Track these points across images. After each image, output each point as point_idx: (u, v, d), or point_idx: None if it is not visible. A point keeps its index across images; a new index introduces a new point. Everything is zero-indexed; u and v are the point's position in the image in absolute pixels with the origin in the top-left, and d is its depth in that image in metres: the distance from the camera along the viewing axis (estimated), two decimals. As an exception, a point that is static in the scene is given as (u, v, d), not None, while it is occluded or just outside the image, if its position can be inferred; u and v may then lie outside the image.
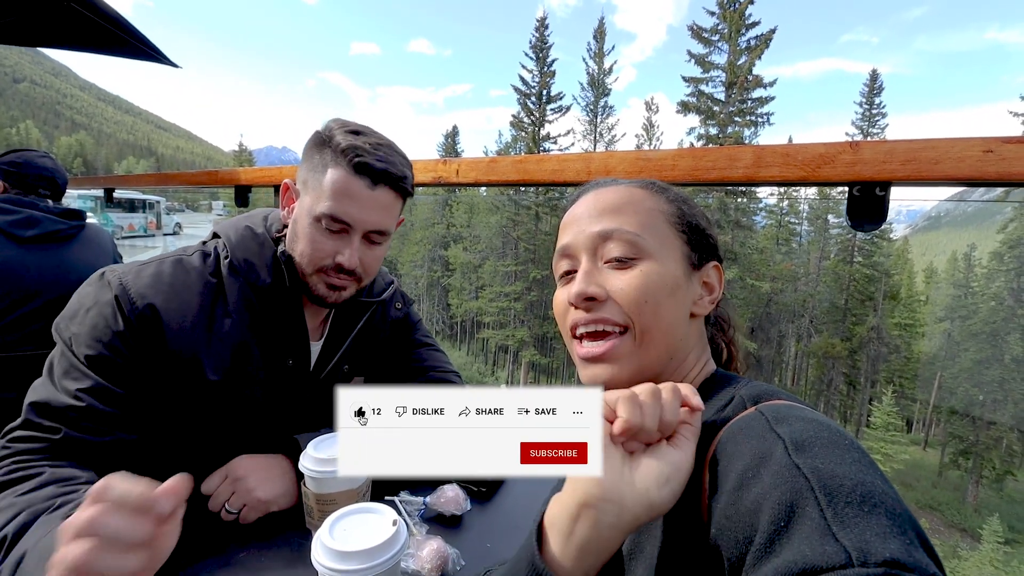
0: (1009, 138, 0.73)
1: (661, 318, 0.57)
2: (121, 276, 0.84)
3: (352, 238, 0.90)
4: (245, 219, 0.99)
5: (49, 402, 0.77)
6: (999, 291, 25.97)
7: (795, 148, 0.88)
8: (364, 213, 0.89)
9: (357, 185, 0.87)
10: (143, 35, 2.35)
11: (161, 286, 0.85)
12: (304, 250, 0.90)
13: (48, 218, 1.66)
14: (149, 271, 0.86)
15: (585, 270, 0.59)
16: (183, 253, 0.93)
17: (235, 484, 0.86)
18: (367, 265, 0.93)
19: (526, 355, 29.98)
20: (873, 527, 0.32)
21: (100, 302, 0.81)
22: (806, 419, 0.42)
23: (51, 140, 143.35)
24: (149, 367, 0.83)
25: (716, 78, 25.81)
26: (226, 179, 2.01)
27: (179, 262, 0.90)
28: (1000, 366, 24.56)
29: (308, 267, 0.90)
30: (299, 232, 0.91)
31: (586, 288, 0.57)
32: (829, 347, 27.25)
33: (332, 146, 0.88)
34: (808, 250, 30.41)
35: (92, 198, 22.34)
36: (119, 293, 0.82)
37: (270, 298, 0.93)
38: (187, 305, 0.86)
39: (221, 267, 0.92)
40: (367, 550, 0.58)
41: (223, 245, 0.94)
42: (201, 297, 0.88)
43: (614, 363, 0.57)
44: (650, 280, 0.56)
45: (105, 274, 0.85)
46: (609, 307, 0.57)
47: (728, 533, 0.39)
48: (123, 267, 0.87)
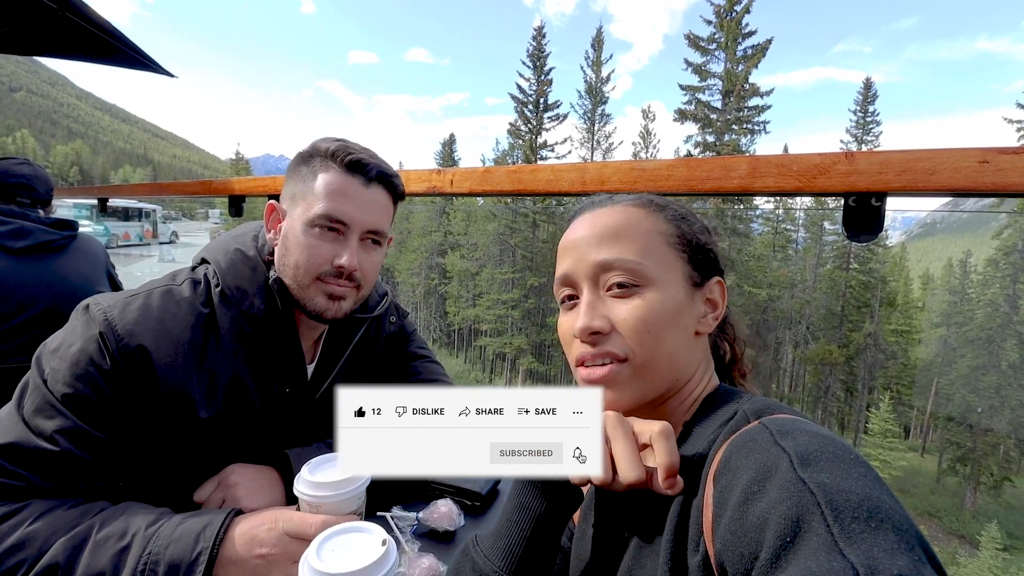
0: (1005, 148, 0.72)
1: (662, 348, 0.57)
2: (107, 311, 0.78)
3: (350, 239, 0.86)
4: (234, 240, 0.94)
5: (17, 444, 0.70)
6: (995, 297, 26.09)
7: (790, 158, 0.88)
8: (361, 212, 0.86)
9: (352, 183, 0.86)
10: (136, 45, 2.35)
11: (150, 321, 0.80)
12: (299, 260, 0.85)
13: (39, 228, 1.65)
14: (136, 304, 0.81)
15: (588, 302, 0.59)
16: (172, 282, 0.88)
17: (226, 491, 0.85)
18: (366, 270, 0.90)
19: (524, 362, 29.93)
20: (881, 543, 0.32)
21: (85, 337, 0.76)
22: (811, 433, 0.42)
23: (47, 149, 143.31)
24: (136, 408, 0.78)
25: (713, 86, 26.08)
26: (220, 189, 2.00)
27: (168, 293, 0.85)
28: (997, 372, 24.62)
29: (304, 277, 0.86)
30: (291, 245, 0.87)
31: (590, 323, 0.58)
32: (826, 354, 27.27)
33: (320, 154, 0.87)
34: (804, 257, 30.54)
35: (88, 207, 22.31)
36: (104, 330, 0.76)
37: (264, 326, 0.89)
38: (178, 341, 0.81)
39: (212, 296, 0.87)
40: (355, 572, 0.57)
41: (213, 272, 0.89)
42: (192, 331, 0.83)
43: (613, 389, 0.58)
44: (652, 310, 0.57)
45: (90, 307, 0.80)
46: (614, 339, 0.58)
47: (733, 548, 0.38)
48: (108, 300, 0.81)
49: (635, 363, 0.57)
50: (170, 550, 0.67)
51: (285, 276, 0.88)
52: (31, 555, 0.66)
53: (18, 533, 0.66)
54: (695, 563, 0.44)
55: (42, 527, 0.67)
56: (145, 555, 0.67)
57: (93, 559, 0.66)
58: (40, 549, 0.66)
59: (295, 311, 0.91)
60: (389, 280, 38.03)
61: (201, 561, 0.66)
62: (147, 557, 0.66)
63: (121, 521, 0.71)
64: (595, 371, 0.58)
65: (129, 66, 2.69)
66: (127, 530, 0.69)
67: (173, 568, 0.66)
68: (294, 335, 0.92)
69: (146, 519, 0.71)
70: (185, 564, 0.66)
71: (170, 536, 0.68)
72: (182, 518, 0.72)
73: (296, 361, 0.93)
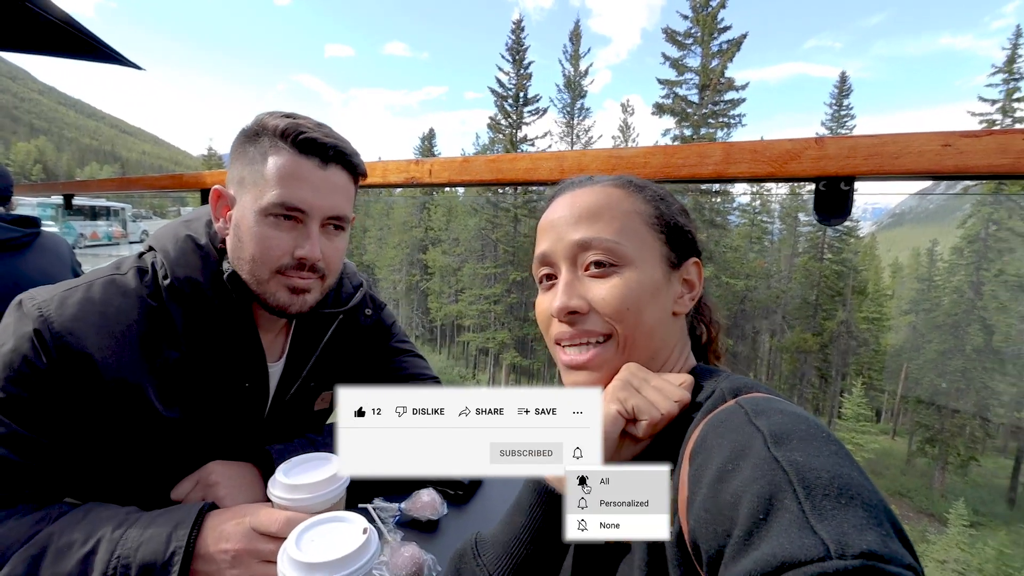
0: (966, 132, 0.75)
1: (643, 324, 0.58)
2: (41, 306, 0.72)
3: (309, 227, 0.79)
4: (184, 226, 0.86)
5: None
6: (960, 284, 27.07)
7: (763, 144, 0.89)
8: (319, 197, 0.79)
9: (306, 166, 0.78)
10: (99, 38, 2.26)
11: (91, 316, 0.73)
12: (255, 253, 0.78)
13: (0, 226, 1.59)
14: (76, 297, 0.74)
15: (566, 281, 0.60)
16: (116, 272, 0.80)
17: (206, 491, 0.82)
18: (330, 259, 0.83)
19: (507, 357, 29.96)
20: (850, 519, 0.32)
21: (18, 335, 0.70)
22: (784, 412, 0.43)
23: (8, 146, 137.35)
24: (81, 409, 0.72)
25: (690, 80, 26.32)
26: (191, 183, 1.95)
27: (111, 283, 0.78)
28: (962, 356, 25.59)
29: (263, 271, 0.79)
30: (244, 236, 0.79)
31: (568, 302, 0.58)
32: (801, 342, 27.97)
33: (268, 132, 0.79)
34: (780, 248, 31.20)
35: (52, 206, 21.47)
36: (39, 327, 0.70)
37: (218, 319, 0.83)
38: (123, 336, 0.75)
39: (160, 287, 0.80)
40: (335, 560, 0.56)
41: (161, 262, 0.81)
42: (140, 325, 0.77)
43: (597, 370, 0.58)
44: (630, 288, 0.57)
45: (23, 302, 0.73)
46: (592, 319, 0.58)
47: (707, 525, 0.39)
48: (44, 293, 0.74)
49: (619, 339, 0.58)
50: (141, 551, 0.65)
51: (241, 270, 0.81)
52: None
53: None
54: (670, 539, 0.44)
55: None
56: (114, 559, 0.64)
57: (56, 568, 0.63)
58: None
59: (252, 304, 0.85)
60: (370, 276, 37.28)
61: (175, 561, 0.64)
62: (115, 561, 0.64)
63: (83, 525, 0.68)
64: (578, 357, 0.59)
65: (93, 59, 2.59)
66: (91, 534, 0.66)
67: (146, 569, 0.64)
68: (252, 329, 0.86)
69: (112, 521, 0.68)
70: (159, 564, 0.64)
71: (140, 537, 0.66)
72: (151, 517, 0.69)
73: (255, 356, 0.88)
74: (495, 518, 0.96)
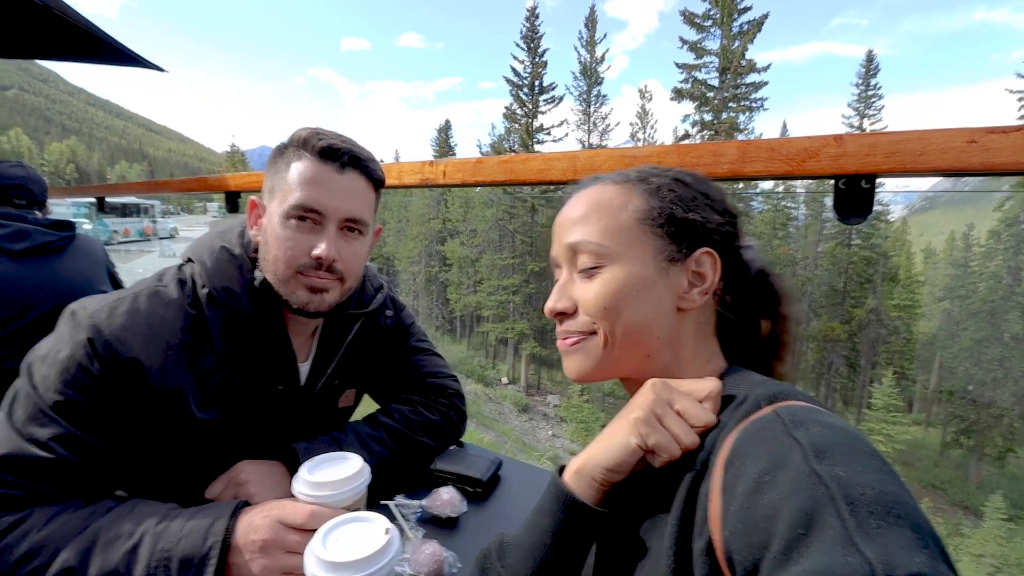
0: (993, 128, 0.72)
1: (625, 321, 0.58)
2: (93, 315, 0.78)
3: (327, 228, 0.84)
4: (219, 238, 0.92)
5: (12, 454, 0.71)
6: (997, 269, 26.00)
7: (780, 143, 0.88)
8: (336, 200, 0.84)
9: (324, 171, 0.84)
10: (121, 44, 2.33)
11: (138, 326, 0.79)
12: (277, 254, 0.84)
13: (38, 230, 1.65)
14: (124, 308, 0.80)
15: (559, 284, 0.64)
16: (159, 283, 0.87)
17: (237, 489, 0.87)
18: (347, 261, 0.87)
19: (526, 348, 30.02)
20: (897, 539, 0.31)
21: (73, 343, 0.76)
22: (825, 424, 0.41)
23: (42, 147, 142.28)
24: (129, 411, 0.78)
25: (710, 64, 25.67)
26: (215, 185, 2.00)
27: (155, 294, 0.84)
28: (1000, 344, 24.64)
29: (285, 271, 0.84)
30: (270, 240, 0.85)
31: (554, 305, 0.62)
32: (829, 330, 27.29)
33: (292, 144, 0.86)
34: (806, 234, 30.38)
35: (86, 205, 22.27)
36: (92, 335, 0.76)
37: (253, 326, 0.88)
38: (167, 343, 0.81)
39: (199, 297, 0.86)
40: (360, 560, 0.59)
41: (200, 272, 0.87)
42: (182, 334, 0.83)
43: (581, 355, 0.61)
44: (610, 287, 0.58)
45: (76, 312, 0.79)
46: (578, 319, 0.61)
47: (742, 537, 0.38)
48: (95, 304, 0.80)
49: (602, 335, 0.59)
50: (181, 545, 0.69)
51: (267, 272, 0.87)
52: (43, 562, 0.67)
53: (28, 542, 0.68)
54: (699, 548, 0.43)
55: (50, 533, 0.69)
56: (157, 552, 0.68)
57: (105, 559, 0.68)
58: (52, 555, 0.68)
59: (283, 309, 0.90)
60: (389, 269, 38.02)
61: (213, 555, 0.68)
62: (159, 554, 0.68)
63: (129, 520, 0.72)
64: (564, 342, 0.63)
65: (118, 63, 2.67)
66: (136, 528, 0.71)
67: (186, 562, 0.68)
68: (283, 334, 0.91)
69: (154, 516, 0.73)
70: (197, 558, 0.68)
71: (180, 532, 0.70)
72: (191, 513, 0.74)
73: (287, 359, 0.93)
74: (513, 515, 0.99)
